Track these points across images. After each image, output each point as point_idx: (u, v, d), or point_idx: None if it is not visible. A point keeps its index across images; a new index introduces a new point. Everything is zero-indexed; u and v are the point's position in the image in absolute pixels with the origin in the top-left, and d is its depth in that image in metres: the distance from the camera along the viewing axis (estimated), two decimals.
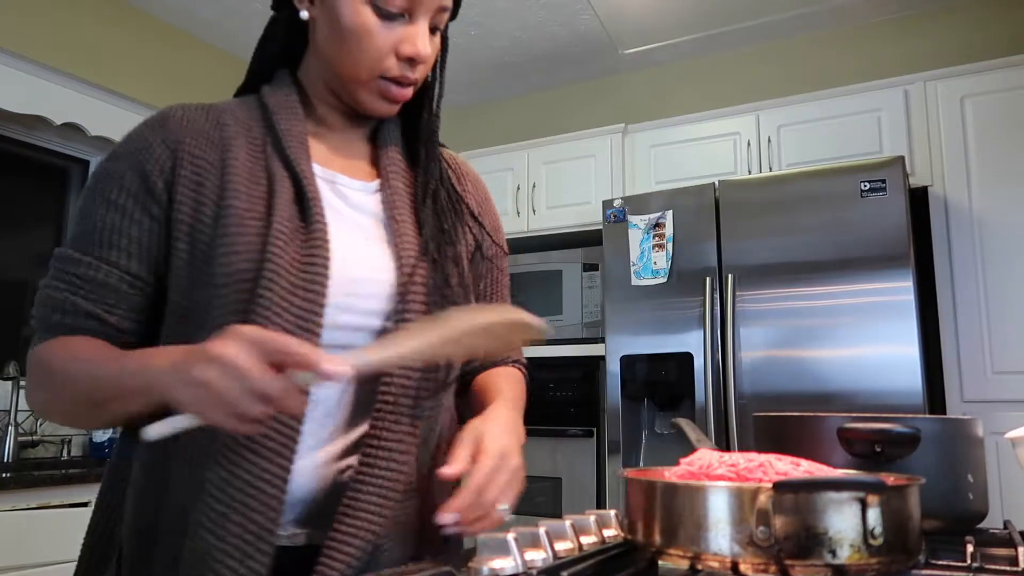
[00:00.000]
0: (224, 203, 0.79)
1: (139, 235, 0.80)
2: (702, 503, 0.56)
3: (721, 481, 0.60)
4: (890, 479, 0.61)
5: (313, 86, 0.90)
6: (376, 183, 0.91)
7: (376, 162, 0.93)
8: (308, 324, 0.77)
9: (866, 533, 0.53)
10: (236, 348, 0.63)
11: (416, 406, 0.82)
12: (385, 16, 0.81)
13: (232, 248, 0.77)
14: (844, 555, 0.53)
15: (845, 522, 0.53)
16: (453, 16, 0.90)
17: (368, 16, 0.81)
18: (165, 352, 0.71)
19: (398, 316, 0.82)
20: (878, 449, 0.79)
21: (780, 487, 0.53)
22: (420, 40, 0.83)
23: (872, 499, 0.54)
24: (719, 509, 0.55)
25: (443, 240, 0.89)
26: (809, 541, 0.53)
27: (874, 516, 0.54)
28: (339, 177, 0.88)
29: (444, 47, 0.92)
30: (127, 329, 0.81)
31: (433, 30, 0.86)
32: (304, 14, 0.85)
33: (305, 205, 0.81)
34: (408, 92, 0.87)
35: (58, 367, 0.78)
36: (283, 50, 0.91)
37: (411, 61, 0.83)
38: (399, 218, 0.87)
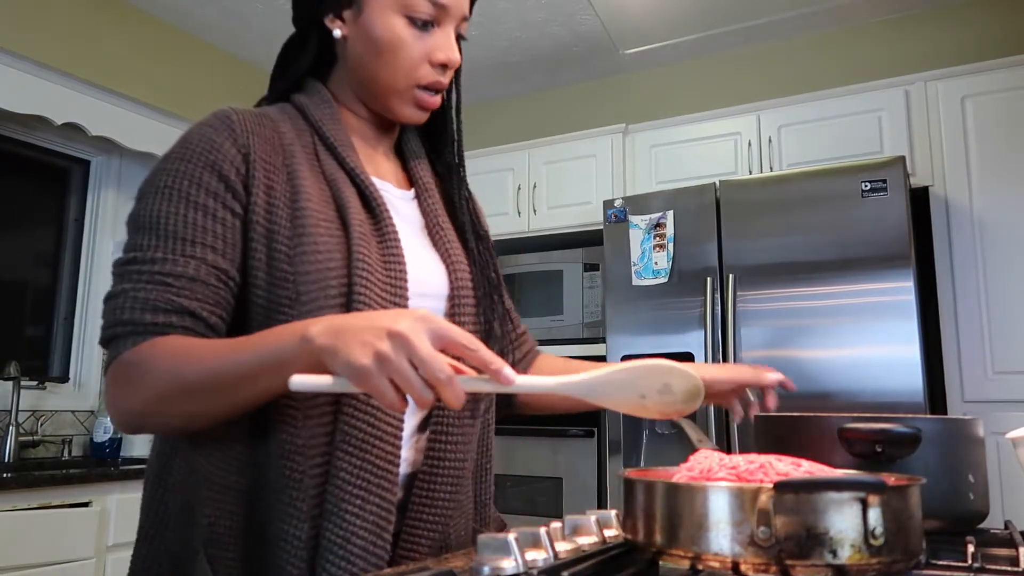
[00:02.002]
0: (298, 205, 0.82)
1: (223, 232, 0.80)
2: (703, 503, 0.56)
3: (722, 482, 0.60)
4: (891, 479, 0.61)
5: (343, 98, 0.95)
6: (411, 192, 0.96)
7: (405, 172, 0.99)
8: None
9: (867, 533, 0.53)
10: (414, 327, 0.64)
11: (475, 407, 0.90)
12: (417, 26, 0.87)
13: (315, 247, 0.80)
14: (845, 555, 0.53)
15: (846, 522, 0.53)
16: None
17: (402, 28, 0.86)
18: (305, 324, 0.69)
19: (452, 319, 0.89)
20: (879, 449, 0.79)
21: (781, 487, 0.53)
22: (451, 47, 0.89)
23: (873, 499, 0.54)
24: (720, 509, 0.55)
25: (482, 247, 0.96)
26: (810, 541, 0.53)
27: (875, 516, 0.54)
28: (379, 183, 0.93)
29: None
30: (217, 327, 0.80)
31: (458, 38, 0.91)
32: (337, 32, 0.90)
33: (372, 209, 0.86)
34: (438, 100, 0.92)
35: (166, 363, 0.74)
36: (311, 64, 0.95)
37: (443, 67, 0.89)
38: (443, 225, 0.94)
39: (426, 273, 0.89)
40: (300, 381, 0.65)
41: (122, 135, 2.81)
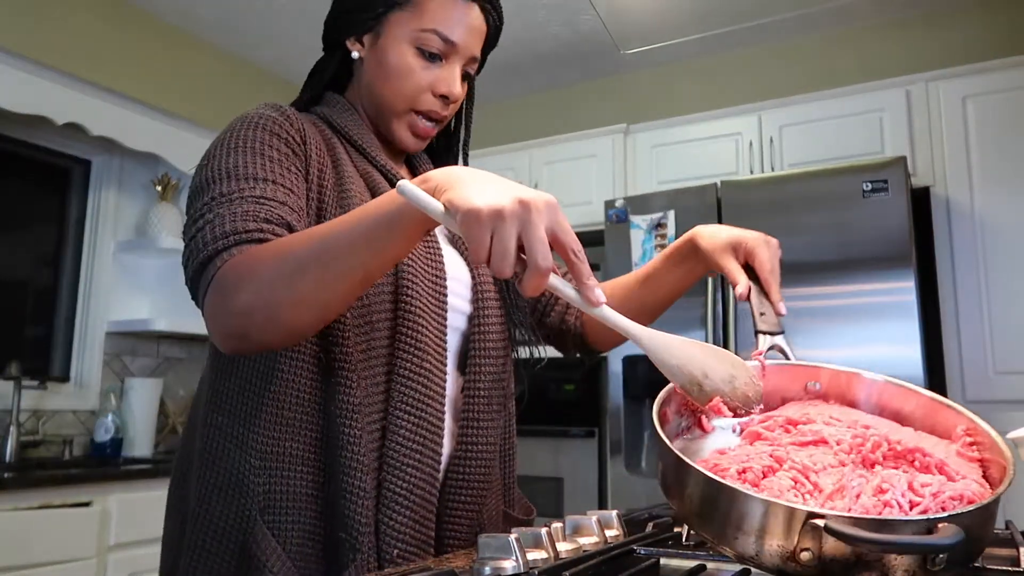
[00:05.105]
0: (344, 189, 0.88)
1: (296, 182, 0.84)
2: (745, 509, 0.54)
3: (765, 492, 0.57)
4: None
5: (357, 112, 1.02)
6: None
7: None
8: (439, 299, 0.89)
9: (927, 559, 0.49)
10: (541, 207, 0.61)
11: (502, 404, 0.96)
12: (425, 57, 0.94)
13: None
14: None
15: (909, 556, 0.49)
16: (479, 70, 1.02)
17: (411, 57, 0.93)
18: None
19: (476, 306, 0.95)
20: None
21: (831, 532, 0.48)
22: (454, 81, 0.95)
23: (944, 531, 0.49)
24: (763, 521, 0.52)
25: None
26: (858, 566, 0.49)
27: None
28: None
29: (471, 97, 1.04)
30: None
31: (464, 77, 0.98)
32: (355, 54, 0.98)
33: None
34: (433, 130, 0.98)
35: (273, 250, 0.72)
36: (331, 80, 1.03)
37: (444, 99, 0.95)
38: None
39: (451, 263, 0.95)
40: (411, 190, 0.62)
41: (123, 135, 2.80)
